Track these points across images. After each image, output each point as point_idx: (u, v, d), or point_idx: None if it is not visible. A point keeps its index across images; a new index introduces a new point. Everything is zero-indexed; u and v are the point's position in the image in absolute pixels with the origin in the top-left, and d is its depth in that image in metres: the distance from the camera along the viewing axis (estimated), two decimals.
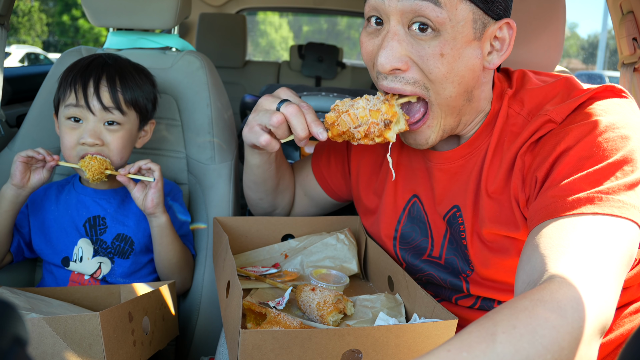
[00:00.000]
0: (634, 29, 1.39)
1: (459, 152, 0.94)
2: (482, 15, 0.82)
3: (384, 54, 0.82)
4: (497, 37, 0.85)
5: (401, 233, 1.03)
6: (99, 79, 1.12)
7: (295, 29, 23.74)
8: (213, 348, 1.28)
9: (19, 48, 12.32)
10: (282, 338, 0.67)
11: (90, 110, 1.11)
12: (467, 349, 0.52)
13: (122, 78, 1.15)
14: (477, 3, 0.80)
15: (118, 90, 1.14)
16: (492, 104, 0.92)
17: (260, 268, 1.03)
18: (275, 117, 0.88)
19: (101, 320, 0.78)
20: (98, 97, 1.11)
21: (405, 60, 0.83)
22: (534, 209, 0.78)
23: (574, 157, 0.76)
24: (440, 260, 0.98)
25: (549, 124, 0.83)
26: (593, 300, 0.61)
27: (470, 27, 0.81)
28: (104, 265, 1.18)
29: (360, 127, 0.82)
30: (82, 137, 1.10)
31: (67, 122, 1.13)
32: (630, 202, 0.72)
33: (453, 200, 0.94)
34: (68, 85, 1.13)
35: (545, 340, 0.55)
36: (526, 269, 0.69)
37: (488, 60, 0.86)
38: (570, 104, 0.83)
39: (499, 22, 0.84)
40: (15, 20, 17.39)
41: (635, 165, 0.75)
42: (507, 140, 0.88)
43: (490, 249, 0.89)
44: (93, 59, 1.17)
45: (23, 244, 1.21)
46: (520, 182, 0.84)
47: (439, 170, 0.96)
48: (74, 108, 1.11)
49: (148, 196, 1.10)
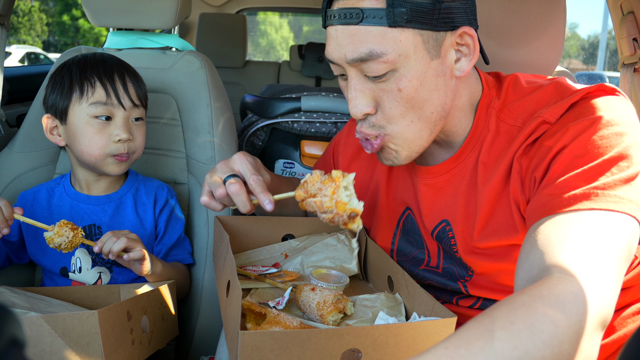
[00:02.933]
0: (634, 29, 1.39)
1: (444, 167, 0.93)
2: (432, 34, 0.81)
3: (351, 106, 0.85)
4: (460, 44, 0.84)
5: (398, 246, 1.03)
6: (122, 74, 1.13)
7: (295, 29, 23.73)
8: (213, 348, 1.28)
9: (19, 48, 12.32)
10: (281, 339, 0.67)
11: (122, 107, 1.11)
12: (465, 346, 0.52)
13: (134, 75, 1.17)
14: (420, 26, 0.79)
15: (139, 86, 1.16)
16: (477, 113, 0.90)
17: (260, 267, 1.03)
18: (220, 190, 0.89)
19: (99, 318, 0.77)
20: (127, 93, 1.12)
21: (373, 105, 0.84)
22: (531, 208, 0.78)
23: (569, 155, 0.76)
24: (438, 269, 0.98)
25: (543, 125, 0.82)
26: (592, 293, 0.60)
27: (423, 50, 0.81)
28: (104, 275, 1.17)
29: (326, 214, 0.82)
30: (115, 134, 1.09)
31: (94, 121, 1.09)
32: (627, 197, 0.72)
33: (441, 215, 0.94)
34: (89, 82, 1.09)
35: (544, 335, 0.54)
36: (525, 266, 0.69)
37: (457, 68, 0.85)
38: (563, 103, 0.82)
39: (455, 32, 0.82)
40: (15, 20, 17.39)
41: (631, 161, 0.75)
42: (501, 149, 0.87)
43: (487, 256, 0.88)
44: (101, 56, 1.16)
45: (10, 253, 1.19)
46: (519, 185, 0.83)
47: (423, 185, 0.96)
48: (103, 106, 1.09)
49: (134, 267, 1.05)
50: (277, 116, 1.74)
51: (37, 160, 1.35)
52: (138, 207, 1.21)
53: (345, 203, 0.78)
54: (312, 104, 1.72)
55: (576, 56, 24.55)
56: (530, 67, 1.23)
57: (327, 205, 0.79)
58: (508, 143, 0.86)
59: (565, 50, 4.49)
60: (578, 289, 0.60)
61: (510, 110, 0.88)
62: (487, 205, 0.87)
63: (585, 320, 0.58)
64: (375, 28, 0.79)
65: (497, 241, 0.86)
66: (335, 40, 0.83)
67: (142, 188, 1.23)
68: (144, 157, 1.38)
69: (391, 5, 0.78)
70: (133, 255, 1.01)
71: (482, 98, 0.91)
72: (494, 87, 0.92)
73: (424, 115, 0.84)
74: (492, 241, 0.86)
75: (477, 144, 0.90)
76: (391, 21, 0.78)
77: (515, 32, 1.22)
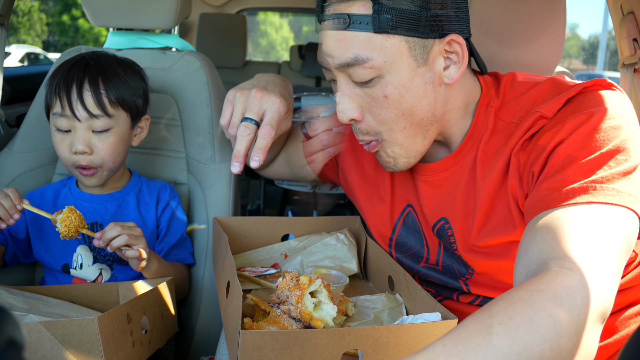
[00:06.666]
0: (634, 29, 1.39)
1: (442, 164, 0.94)
2: (419, 41, 0.81)
3: (338, 110, 0.86)
4: (449, 52, 0.84)
5: (396, 241, 1.03)
6: (81, 83, 1.07)
7: (295, 29, 23.73)
8: (213, 348, 1.28)
9: (19, 48, 12.31)
10: (282, 339, 0.67)
11: (77, 118, 1.06)
12: (463, 342, 0.52)
13: (105, 78, 1.09)
14: (406, 33, 0.80)
15: (102, 92, 1.07)
16: (476, 112, 0.90)
17: (259, 268, 1.03)
18: (232, 130, 0.94)
19: (99, 324, 0.77)
20: (82, 104, 1.06)
21: (359, 111, 0.85)
22: (529, 202, 0.78)
23: (567, 149, 0.77)
24: (437, 266, 0.98)
25: (541, 120, 0.83)
26: (591, 287, 0.60)
27: (409, 57, 0.81)
28: (104, 272, 1.17)
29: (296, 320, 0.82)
30: (73, 146, 1.07)
31: (56, 133, 1.09)
32: (626, 190, 0.72)
33: (440, 213, 0.94)
34: (53, 92, 1.08)
35: (542, 330, 0.54)
36: (523, 261, 0.69)
37: (446, 75, 0.85)
38: (560, 98, 0.83)
39: (443, 40, 0.82)
40: (15, 20, 17.39)
41: (628, 154, 0.75)
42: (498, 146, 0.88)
43: (486, 255, 0.89)
44: (75, 62, 1.12)
45: (18, 251, 1.19)
46: (518, 180, 0.84)
47: (423, 182, 0.96)
48: (60, 117, 1.07)
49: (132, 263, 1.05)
50: None
51: (37, 160, 1.35)
52: (141, 206, 1.21)
53: (309, 313, 0.77)
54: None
55: (576, 56, 24.55)
56: (530, 67, 1.23)
57: (294, 314, 0.79)
58: (505, 139, 0.87)
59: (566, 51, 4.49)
60: (577, 283, 0.60)
61: (508, 108, 0.89)
62: (486, 202, 0.87)
63: (584, 314, 0.58)
64: (361, 34, 0.80)
65: (496, 238, 0.86)
66: (325, 45, 0.84)
67: (145, 188, 1.24)
68: (144, 157, 1.38)
69: (377, 11, 0.78)
70: (130, 254, 1.02)
71: (482, 98, 0.91)
72: (492, 86, 0.93)
73: (414, 122, 0.85)
74: (491, 239, 0.86)
75: (475, 143, 0.90)
76: (376, 27, 0.79)
77: (515, 32, 1.22)
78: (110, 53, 1.19)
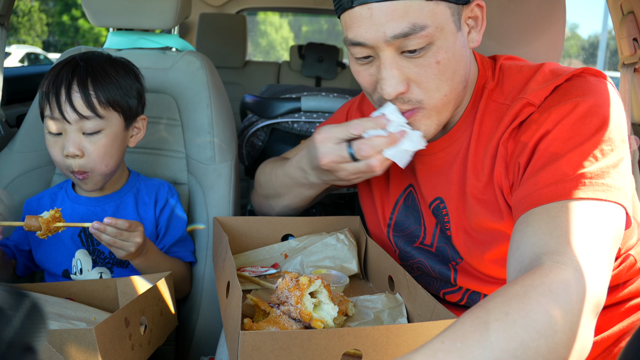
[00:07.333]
0: (634, 29, 1.39)
1: (438, 145, 0.95)
2: (456, 7, 0.83)
3: (386, 85, 0.83)
4: (471, 17, 0.87)
5: (395, 220, 1.04)
6: (70, 84, 1.04)
7: (295, 29, 23.73)
8: (213, 348, 1.27)
9: (19, 48, 12.32)
10: (281, 339, 0.67)
11: (66, 120, 1.04)
12: (461, 339, 0.52)
13: (95, 78, 1.06)
14: None
15: (91, 93, 1.05)
16: (473, 94, 0.92)
17: (259, 268, 1.03)
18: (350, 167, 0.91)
19: (96, 334, 0.76)
20: (71, 105, 1.03)
21: (406, 83, 0.84)
22: (517, 197, 0.78)
23: (553, 141, 0.77)
24: (431, 247, 0.99)
25: (528, 108, 0.83)
26: (583, 281, 0.61)
27: (451, 22, 0.82)
28: (104, 275, 1.17)
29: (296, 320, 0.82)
30: (64, 149, 1.05)
31: (48, 136, 1.08)
32: (615, 185, 0.73)
33: (436, 192, 0.96)
34: (44, 95, 1.07)
35: (538, 325, 0.55)
36: (516, 255, 0.70)
37: (470, 39, 0.87)
38: (547, 86, 0.84)
39: (469, 5, 0.85)
40: (15, 20, 17.39)
41: (614, 144, 0.76)
42: (490, 129, 0.89)
43: (473, 240, 0.90)
44: (65, 63, 1.10)
45: (27, 262, 1.20)
46: (504, 169, 0.85)
47: (419, 162, 0.98)
48: (50, 120, 1.06)
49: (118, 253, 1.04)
50: (277, 116, 1.74)
51: (37, 161, 1.35)
52: (139, 206, 1.21)
53: (308, 313, 0.77)
54: (312, 104, 1.72)
55: (576, 56, 24.55)
56: None
57: (293, 315, 0.79)
58: (497, 122, 0.88)
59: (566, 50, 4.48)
60: (570, 277, 0.60)
61: (501, 89, 0.90)
62: (477, 184, 0.89)
63: (578, 308, 0.59)
64: (414, 2, 0.79)
65: (484, 221, 0.87)
66: (369, 19, 0.81)
67: (143, 188, 1.23)
68: (144, 157, 1.38)
69: None
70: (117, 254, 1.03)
71: (479, 79, 0.93)
72: (489, 67, 0.94)
73: (454, 87, 0.86)
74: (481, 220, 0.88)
75: (469, 124, 0.92)
76: None
77: (515, 32, 1.22)
78: (105, 53, 1.17)
